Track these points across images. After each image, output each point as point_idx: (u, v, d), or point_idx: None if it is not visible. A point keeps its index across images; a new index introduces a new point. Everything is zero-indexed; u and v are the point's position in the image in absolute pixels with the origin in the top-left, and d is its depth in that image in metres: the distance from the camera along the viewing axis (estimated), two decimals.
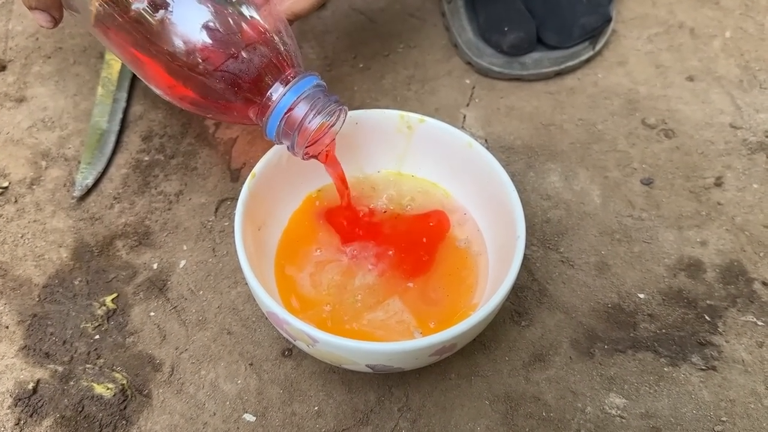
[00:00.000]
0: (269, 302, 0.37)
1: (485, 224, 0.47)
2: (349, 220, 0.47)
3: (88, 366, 0.45)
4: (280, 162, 0.45)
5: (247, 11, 0.39)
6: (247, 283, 0.45)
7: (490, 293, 0.40)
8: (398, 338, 0.42)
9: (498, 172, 0.43)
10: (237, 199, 0.42)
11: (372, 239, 0.46)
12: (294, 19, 0.46)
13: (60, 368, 0.44)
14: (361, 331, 0.42)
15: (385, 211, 0.48)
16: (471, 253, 0.46)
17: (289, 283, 0.44)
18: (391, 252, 0.46)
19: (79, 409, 0.43)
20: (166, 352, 0.45)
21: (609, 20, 0.63)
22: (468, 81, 0.63)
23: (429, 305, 0.43)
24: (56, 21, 0.45)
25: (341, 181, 0.45)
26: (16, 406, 0.43)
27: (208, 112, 0.41)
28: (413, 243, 0.46)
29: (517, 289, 0.49)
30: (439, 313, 0.43)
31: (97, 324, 0.46)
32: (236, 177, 0.54)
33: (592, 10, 0.61)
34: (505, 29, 0.60)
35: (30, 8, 0.44)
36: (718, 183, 0.56)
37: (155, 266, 0.50)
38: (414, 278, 0.44)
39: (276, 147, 0.44)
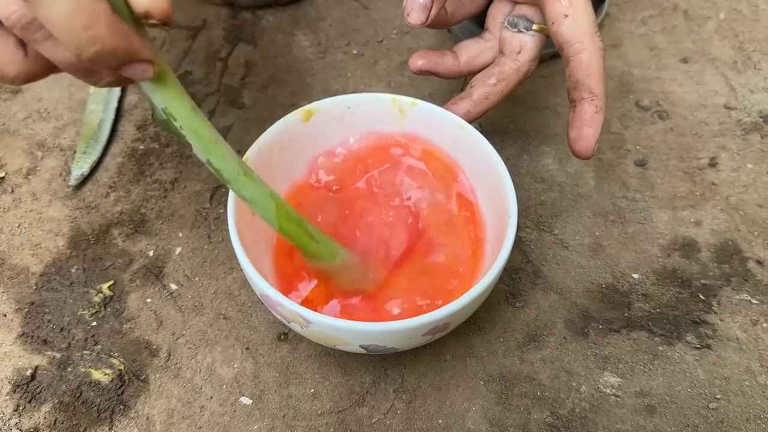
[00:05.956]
0: (263, 285, 0.37)
1: (482, 211, 0.47)
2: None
3: (85, 352, 0.45)
4: (272, 147, 0.45)
5: None
6: (241, 269, 0.45)
7: (484, 273, 0.41)
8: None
9: (489, 152, 0.43)
10: None
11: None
12: None
13: (58, 355, 0.45)
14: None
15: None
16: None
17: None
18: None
19: (77, 394, 0.43)
20: (162, 337, 0.46)
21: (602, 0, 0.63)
22: None
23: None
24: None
25: None
26: (14, 392, 0.43)
27: None
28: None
29: (511, 271, 0.49)
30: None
31: (94, 311, 0.47)
32: None
33: None
34: None
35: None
36: (713, 163, 0.56)
37: (151, 253, 0.50)
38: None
39: (269, 132, 0.45)
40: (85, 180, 0.54)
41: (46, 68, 0.31)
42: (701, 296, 0.48)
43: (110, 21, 0.27)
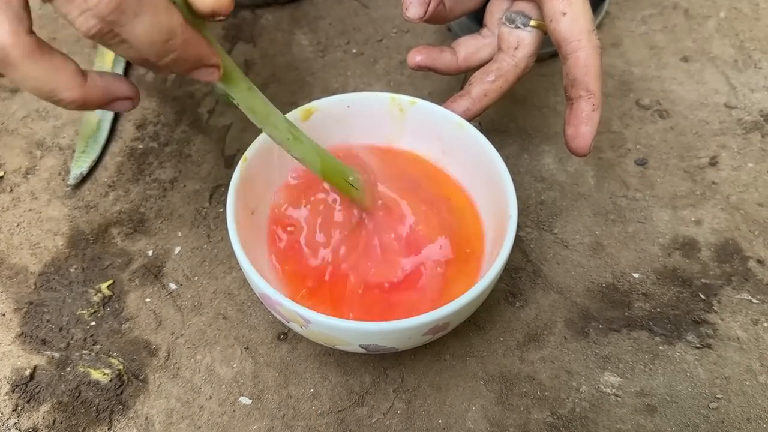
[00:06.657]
0: (262, 284, 0.37)
1: (479, 205, 0.47)
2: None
3: (84, 352, 0.45)
4: (272, 146, 0.45)
5: None
6: (241, 268, 0.45)
7: (483, 272, 0.41)
8: None
9: (489, 151, 0.43)
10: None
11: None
12: None
13: (57, 354, 0.45)
14: None
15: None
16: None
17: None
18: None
19: (76, 394, 0.43)
20: (161, 337, 0.46)
21: None
22: None
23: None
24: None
25: None
26: (13, 392, 0.43)
27: None
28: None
29: (511, 271, 0.49)
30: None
31: (93, 311, 0.47)
32: (230, 163, 0.54)
33: None
34: None
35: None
36: (713, 162, 0.55)
37: (150, 253, 0.50)
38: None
39: None
40: (84, 179, 0.54)
41: (102, 99, 0.33)
42: (702, 296, 0.48)
43: (184, 32, 0.30)
